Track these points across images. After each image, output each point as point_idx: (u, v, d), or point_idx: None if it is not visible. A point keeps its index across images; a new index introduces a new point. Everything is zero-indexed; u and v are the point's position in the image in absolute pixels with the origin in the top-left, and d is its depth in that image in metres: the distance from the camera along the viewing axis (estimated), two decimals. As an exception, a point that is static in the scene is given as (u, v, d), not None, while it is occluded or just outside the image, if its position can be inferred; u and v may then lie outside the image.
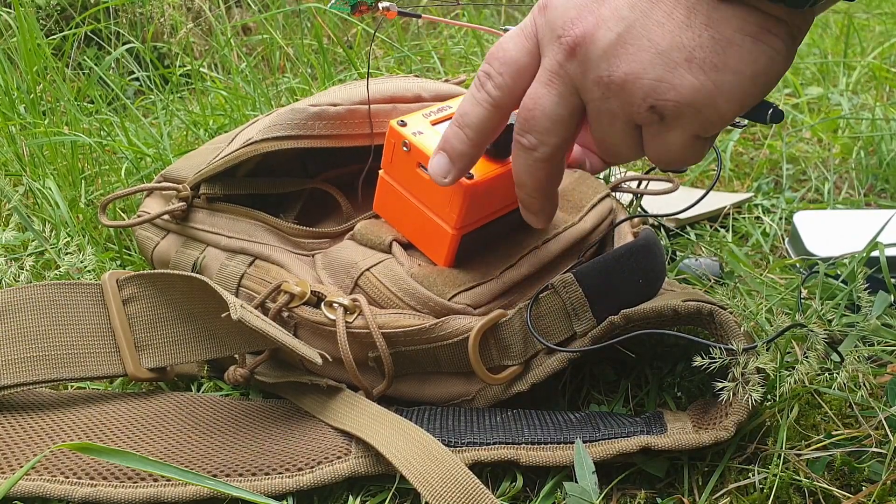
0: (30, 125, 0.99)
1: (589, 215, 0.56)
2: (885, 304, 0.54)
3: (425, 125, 0.50)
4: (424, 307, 0.49)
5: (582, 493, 0.42)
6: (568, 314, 0.49)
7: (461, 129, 0.44)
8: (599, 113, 0.40)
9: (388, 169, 0.52)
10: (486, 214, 0.51)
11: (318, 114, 0.53)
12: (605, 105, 0.39)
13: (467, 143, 0.44)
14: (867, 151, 0.94)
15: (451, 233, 0.49)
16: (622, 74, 0.37)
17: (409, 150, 0.49)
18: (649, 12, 0.37)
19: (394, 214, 0.53)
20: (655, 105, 0.38)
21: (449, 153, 0.44)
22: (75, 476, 0.45)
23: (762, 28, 0.36)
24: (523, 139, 0.42)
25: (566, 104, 0.40)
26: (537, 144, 0.41)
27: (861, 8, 1.72)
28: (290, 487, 0.44)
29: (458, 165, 0.45)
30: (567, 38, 0.38)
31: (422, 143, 0.48)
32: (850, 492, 0.43)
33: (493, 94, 0.42)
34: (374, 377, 0.51)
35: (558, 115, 0.40)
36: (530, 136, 0.41)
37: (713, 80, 0.36)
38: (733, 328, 0.45)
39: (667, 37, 0.36)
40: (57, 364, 0.53)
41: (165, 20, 1.45)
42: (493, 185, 0.48)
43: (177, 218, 0.60)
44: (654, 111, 0.38)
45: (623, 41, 0.37)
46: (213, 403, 0.53)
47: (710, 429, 0.44)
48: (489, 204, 0.50)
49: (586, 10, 0.38)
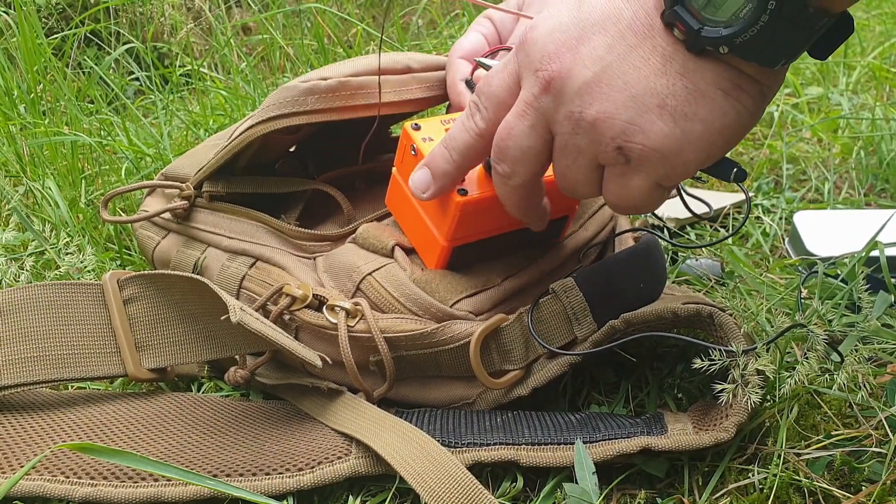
0: (30, 125, 0.99)
1: (590, 223, 0.56)
2: (886, 304, 0.54)
3: (439, 132, 0.50)
4: (426, 313, 0.49)
5: (582, 494, 0.42)
6: (569, 319, 0.49)
7: (447, 150, 0.45)
8: (566, 147, 0.41)
9: (399, 168, 0.52)
10: (481, 231, 0.50)
11: (310, 89, 0.53)
12: (573, 140, 0.40)
13: (451, 164, 0.45)
14: (867, 151, 0.94)
15: (443, 244, 0.50)
16: (594, 113, 0.38)
17: (416, 155, 0.49)
18: (626, 56, 0.37)
19: (399, 213, 0.54)
20: (623, 147, 0.38)
21: (433, 170, 0.46)
22: (75, 476, 0.45)
23: (734, 84, 0.37)
24: (498, 167, 0.43)
25: (537, 136, 0.41)
26: (511, 174, 0.43)
27: (861, 8, 1.72)
28: (291, 487, 0.44)
29: (438, 183, 0.46)
30: (543, 73, 0.39)
31: (427, 149, 0.49)
32: (850, 492, 0.43)
33: (479, 125, 0.43)
34: (375, 380, 0.51)
35: (529, 146, 0.41)
36: (504, 164, 0.43)
37: (682, 129, 0.37)
38: (733, 330, 0.45)
39: (642, 81, 0.37)
40: (57, 364, 0.53)
41: (165, 20, 1.45)
42: (488, 205, 0.48)
43: (178, 217, 0.60)
44: (621, 152, 0.39)
45: (598, 81, 0.38)
46: (213, 404, 0.53)
47: (711, 430, 0.44)
48: (485, 222, 0.50)
49: (564, 47, 0.39)
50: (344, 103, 0.54)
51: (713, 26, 0.35)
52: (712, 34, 0.35)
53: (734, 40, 0.35)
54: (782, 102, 1.15)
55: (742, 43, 0.35)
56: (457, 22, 1.53)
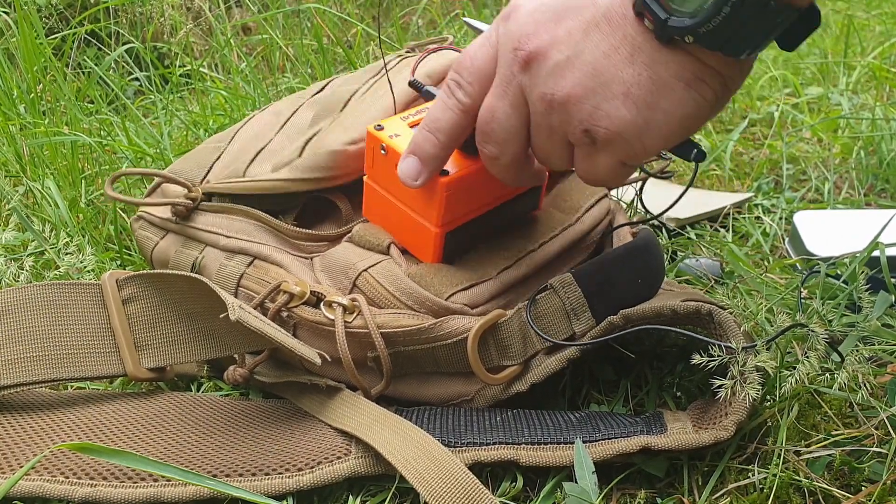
0: (30, 125, 0.99)
1: (586, 216, 0.56)
2: (887, 304, 0.54)
3: (403, 127, 0.50)
4: (422, 307, 0.49)
5: (582, 494, 0.42)
6: (567, 314, 0.49)
7: (432, 134, 0.46)
8: (540, 125, 0.42)
9: (370, 173, 0.52)
10: (469, 210, 0.51)
11: (356, 153, 0.54)
12: (546, 119, 0.42)
13: (438, 146, 0.46)
14: (867, 151, 0.94)
15: (435, 231, 0.50)
16: (564, 95, 0.40)
17: (387, 153, 0.49)
18: (599, 43, 0.39)
19: (381, 218, 0.54)
20: (589, 129, 0.41)
21: (420, 156, 0.46)
22: (75, 476, 0.45)
23: (696, 76, 0.38)
24: (486, 149, 0.45)
25: (518, 115, 0.43)
26: (500, 153, 0.44)
27: (861, 8, 1.72)
28: (290, 487, 0.44)
29: (428, 167, 0.47)
30: (522, 52, 0.41)
31: (398, 145, 0.49)
32: (850, 492, 0.43)
33: (462, 101, 0.44)
34: (374, 377, 0.51)
35: (512, 125, 0.43)
36: (491, 146, 0.44)
37: (644, 117, 0.39)
38: (732, 328, 0.45)
39: (610, 69, 0.39)
40: (57, 364, 0.53)
41: (165, 20, 1.45)
42: (471, 181, 0.49)
43: (179, 215, 0.60)
44: (588, 134, 0.41)
45: (571, 64, 0.40)
46: (212, 403, 0.53)
47: (710, 428, 0.44)
48: (471, 199, 0.50)
49: (543, 27, 0.40)
50: None
51: (679, 17, 0.37)
52: (678, 24, 0.37)
53: (698, 30, 0.36)
54: (782, 102, 1.15)
55: (706, 33, 0.36)
56: (457, 22, 1.53)
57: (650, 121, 0.39)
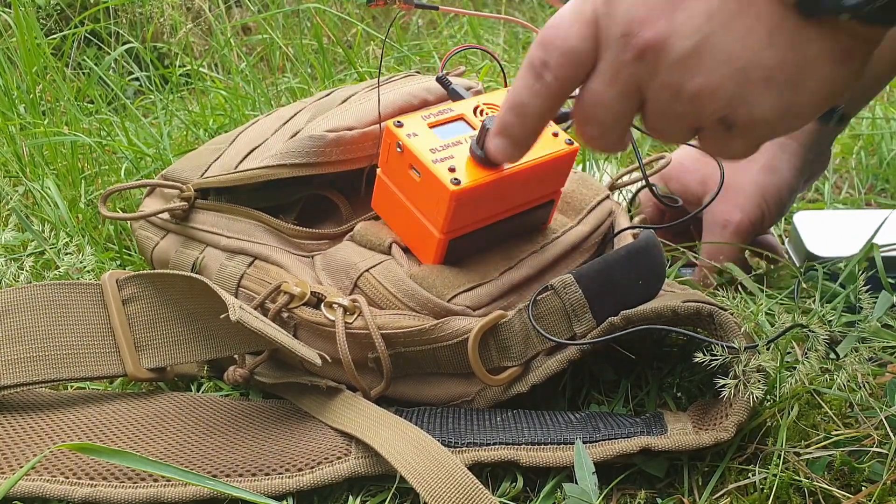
0: (29, 125, 0.99)
1: (588, 218, 0.56)
2: (888, 304, 0.54)
3: (422, 127, 0.50)
4: (424, 308, 0.49)
5: (582, 494, 0.42)
6: (567, 315, 0.49)
7: (520, 119, 0.42)
8: (663, 113, 0.39)
9: (384, 168, 0.52)
10: (475, 220, 0.50)
11: (336, 140, 0.54)
12: (671, 108, 0.38)
13: (528, 130, 0.42)
14: (867, 151, 0.94)
15: (438, 237, 0.49)
16: (696, 86, 0.36)
17: (402, 152, 0.49)
18: (729, 25, 0.35)
19: (389, 213, 0.53)
20: (726, 117, 0.37)
21: (511, 139, 0.43)
22: (75, 476, 0.45)
23: (846, 51, 0.35)
24: (585, 130, 0.41)
25: (630, 101, 0.39)
26: (600, 135, 0.40)
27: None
28: (290, 488, 0.44)
29: (520, 148, 0.43)
30: (636, 41, 0.36)
31: (414, 145, 0.48)
32: (850, 492, 0.43)
33: (552, 86, 0.39)
34: (374, 378, 0.51)
35: (621, 110, 0.39)
36: (592, 127, 0.40)
37: (788, 100, 0.36)
38: (733, 328, 0.45)
39: (746, 54, 0.35)
40: (57, 364, 0.53)
41: (165, 20, 1.45)
42: (482, 193, 0.48)
43: (177, 217, 0.60)
44: (723, 122, 0.37)
45: (699, 53, 0.35)
46: (212, 404, 0.53)
47: (711, 429, 0.44)
48: (480, 210, 0.50)
49: (658, 11, 0.36)
50: (364, 153, 0.55)
51: None
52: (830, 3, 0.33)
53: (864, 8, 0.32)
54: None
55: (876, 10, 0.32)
56: (457, 22, 1.53)
57: (794, 103, 0.36)
